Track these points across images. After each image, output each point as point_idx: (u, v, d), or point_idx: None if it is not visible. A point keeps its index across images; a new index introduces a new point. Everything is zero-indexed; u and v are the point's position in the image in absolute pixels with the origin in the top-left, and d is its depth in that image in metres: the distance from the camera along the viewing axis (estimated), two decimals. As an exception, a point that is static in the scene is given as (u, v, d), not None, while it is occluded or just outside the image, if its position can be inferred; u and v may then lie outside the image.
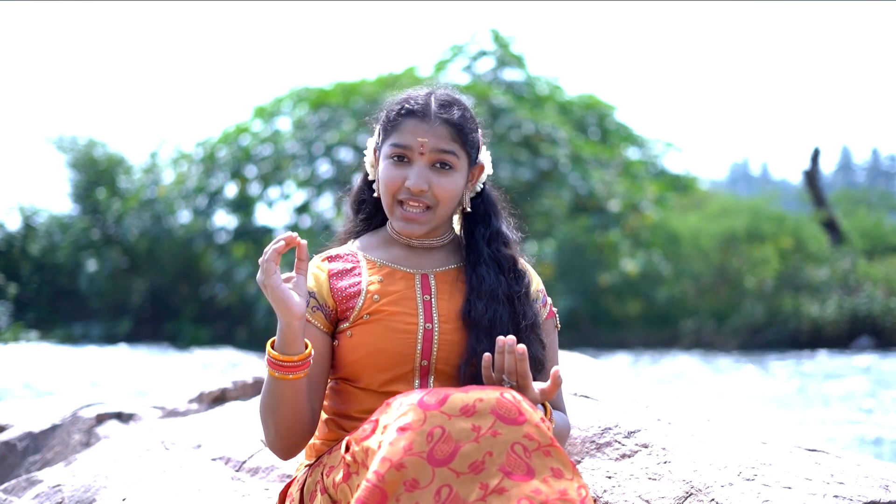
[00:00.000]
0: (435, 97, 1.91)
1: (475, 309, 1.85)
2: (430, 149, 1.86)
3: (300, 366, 1.75)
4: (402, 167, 1.87)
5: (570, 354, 3.41)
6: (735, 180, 69.60)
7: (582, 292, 17.26)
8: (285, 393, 1.77)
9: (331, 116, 18.55)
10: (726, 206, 19.66)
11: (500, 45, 20.49)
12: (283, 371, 1.75)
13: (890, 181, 61.82)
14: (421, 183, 1.85)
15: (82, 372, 11.38)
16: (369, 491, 1.48)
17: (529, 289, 1.93)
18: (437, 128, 1.87)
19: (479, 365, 1.80)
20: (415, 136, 1.86)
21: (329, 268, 1.92)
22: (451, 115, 1.89)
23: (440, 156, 1.87)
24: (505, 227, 1.99)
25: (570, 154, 18.36)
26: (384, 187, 1.89)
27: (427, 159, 1.87)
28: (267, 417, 1.81)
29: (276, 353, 1.74)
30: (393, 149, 1.88)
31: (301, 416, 1.80)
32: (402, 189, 1.87)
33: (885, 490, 1.84)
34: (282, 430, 1.80)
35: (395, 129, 1.89)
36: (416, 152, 1.86)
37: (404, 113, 1.89)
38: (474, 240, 1.94)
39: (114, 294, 20.73)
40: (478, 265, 1.91)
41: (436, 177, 1.86)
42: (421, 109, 1.88)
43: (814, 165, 20.55)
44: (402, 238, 1.95)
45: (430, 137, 1.86)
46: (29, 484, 2.59)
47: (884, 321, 15.82)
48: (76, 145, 22.48)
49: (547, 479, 1.50)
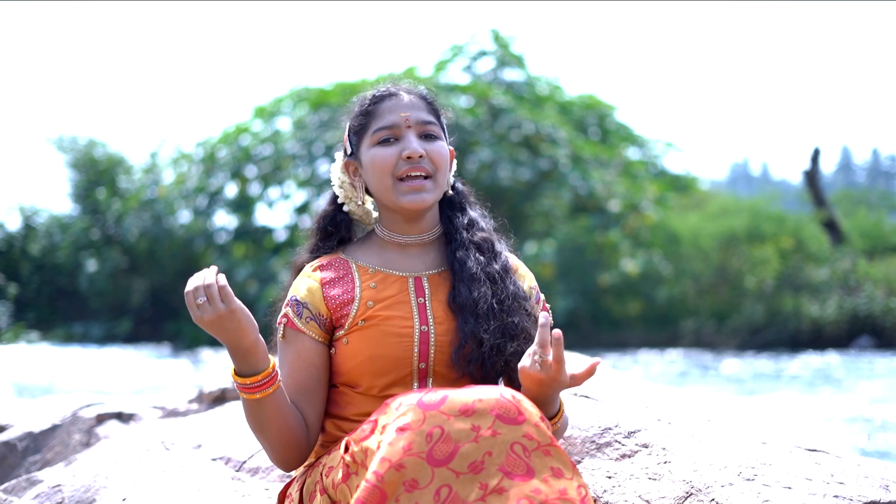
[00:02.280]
0: (394, 82, 1.97)
1: (460, 294, 1.87)
2: (415, 120, 1.90)
3: (270, 380, 1.75)
4: (392, 146, 1.89)
5: (570, 354, 3.40)
6: (735, 180, 69.57)
7: (582, 292, 17.26)
8: (266, 411, 1.76)
9: (331, 116, 18.54)
10: (726, 206, 19.65)
11: (500, 45, 20.48)
12: (254, 392, 1.74)
13: (890, 181, 61.80)
14: (419, 148, 1.88)
15: (82, 372, 11.38)
16: (369, 491, 1.47)
17: (508, 265, 1.95)
18: (414, 101, 1.93)
19: (471, 347, 1.81)
20: (396, 112, 1.90)
21: (321, 277, 1.91)
22: (419, 92, 1.96)
23: (425, 127, 1.91)
24: (479, 216, 2.02)
25: (570, 154, 18.36)
26: (380, 171, 1.89)
27: (415, 131, 1.90)
28: (258, 437, 1.81)
29: (243, 379, 1.74)
30: (378, 133, 1.90)
31: (292, 428, 1.79)
32: (398, 163, 1.88)
33: (885, 490, 1.84)
34: (276, 445, 1.80)
35: (374, 117, 1.92)
36: (403, 127, 1.89)
37: (376, 101, 1.93)
38: (454, 227, 1.97)
39: (114, 294, 20.74)
40: (458, 251, 1.93)
41: (427, 144, 1.90)
42: (391, 92, 1.94)
43: (814, 165, 20.55)
44: (392, 236, 1.94)
45: (411, 111, 1.91)
46: (29, 484, 2.59)
47: (884, 321, 15.82)
48: (76, 145, 22.49)
49: (547, 479, 1.50)
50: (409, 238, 1.94)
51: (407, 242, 1.94)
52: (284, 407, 1.78)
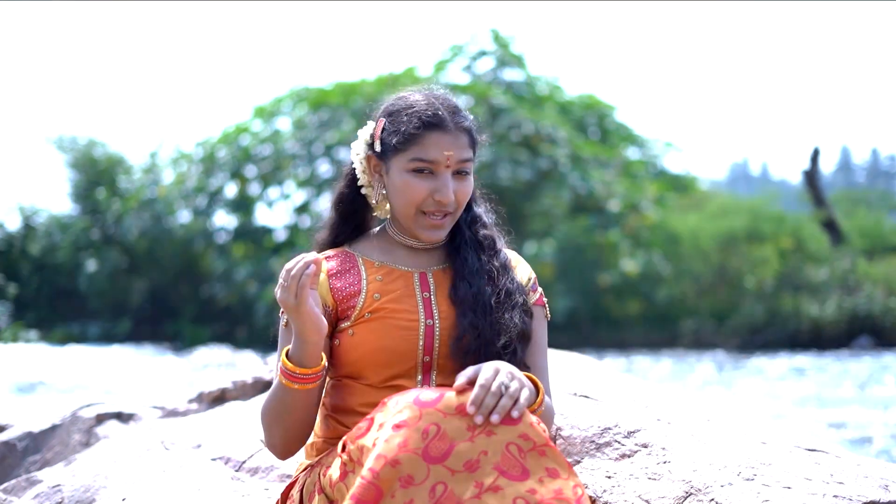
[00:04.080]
0: (443, 104, 1.91)
1: (460, 289, 1.90)
2: (456, 160, 1.88)
3: (315, 377, 1.77)
4: (426, 179, 1.87)
5: (570, 354, 3.41)
6: (735, 180, 69.58)
7: (582, 292, 17.26)
8: (296, 403, 1.79)
9: (331, 116, 18.56)
10: (726, 206, 19.66)
11: (499, 45, 20.48)
12: (299, 382, 1.76)
13: (890, 181, 61.82)
14: (451, 195, 1.87)
15: (82, 372, 11.39)
16: (364, 487, 1.48)
17: (508, 262, 1.97)
18: (459, 138, 1.88)
19: (469, 339, 1.84)
20: (440, 149, 1.86)
21: (327, 268, 1.93)
22: (465, 122, 1.91)
23: (462, 164, 1.89)
24: (483, 212, 2.03)
25: (570, 154, 18.37)
26: (407, 200, 1.88)
27: (452, 169, 1.89)
28: (272, 424, 1.83)
29: (292, 366, 1.76)
30: (416, 163, 1.87)
31: (307, 423, 1.84)
32: (426, 201, 1.88)
33: (885, 490, 1.84)
34: (288, 435, 1.83)
35: (415, 143, 1.87)
36: (443, 165, 1.87)
37: (423, 125, 1.87)
38: (457, 225, 1.98)
39: (113, 294, 20.74)
40: (461, 248, 1.95)
41: (457, 184, 1.89)
42: (440, 121, 1.88)
43: (813, 165, 20.55)
44: (404, 239, 1.97)
45: (454, 150, 1.87)
46: (29, 484, 2.59)
47: (883, 321, 15.83)
48: (76, 145, 22.50)
49: (542, 479, 1.50)
50: (419, 242, 1.97)
51: (418, 246, 1.98)
52: (312, 407, 1.82)
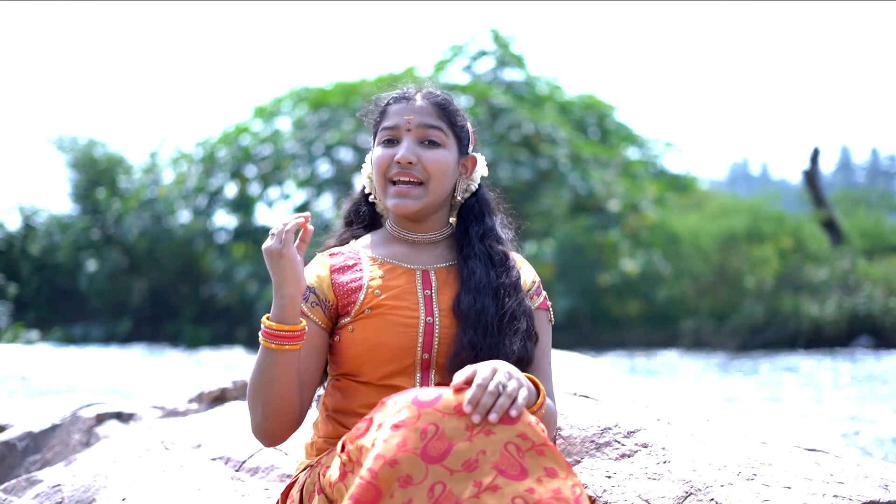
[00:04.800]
0: (415, 86, 2.00)
1: (464, 302, 1.89)
2: (416, 124, 1.93)
3: (297, 336, 1.78)
4: (392, 147, 1.94)
5: (570, 354, 3.40)
6: (735, 180, 69.60)
7: (582, 292, 17.26)
8: (279, 367, 1.79)
9: (331, 116, 18.55)
10: (726, 206, 19.65)
11: (499, 45, 20.48)
12: (280, 341, 1.77)
13: (890, 181, 61.81)
14: (409, 154, 1.91)
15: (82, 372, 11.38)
16: (363, 487, 1.48)
17: (519, 282, 1.95)
18: (421, 106, 1.95)
19: (466, 356, 1.83)
20: (401, 115, 1.94)
21: (331, 263, 1.96)
22: (434, 97, 1.97)
23: (427, 131, 1.93)
24: (498, 226, 2.03)
25: (570, 154, 18.36)
26: (376, 170, 1.96)
27: (414, 135, 1.93)
28: (256, 396, 1.82)
29: (272, 323, 1.78)
30: (383, 132, 1.95)
31: (291, 397, 1.81)
32: (391, 165, 1.92)
33: (885, 490, 1.84)
34: (270, 409, 1.81)
35: (385, 116, 1.97)
36: (403, 129, 1.93)
37: (391, 101, 1.98)
38: (468, 236, 1.99)
39: (114, 294, 20.73)
40: (469, 259, 1.95)
41: (424, 151, 1.93)
42: (405, 94, 1.97)
43: (813, 165, 20.54)
44: (400, 233, 1.99)
45: (414, 115, 1.93)
46: (29, 484, 2.59)
47: (883, 321, 15.82)
48: (76, 145, 22.49)
49: (541, 479, 1.50)
50: (415, 236, 1.99)
51: (414, 240, 1.99)
52: (294, 373, 1.81)
